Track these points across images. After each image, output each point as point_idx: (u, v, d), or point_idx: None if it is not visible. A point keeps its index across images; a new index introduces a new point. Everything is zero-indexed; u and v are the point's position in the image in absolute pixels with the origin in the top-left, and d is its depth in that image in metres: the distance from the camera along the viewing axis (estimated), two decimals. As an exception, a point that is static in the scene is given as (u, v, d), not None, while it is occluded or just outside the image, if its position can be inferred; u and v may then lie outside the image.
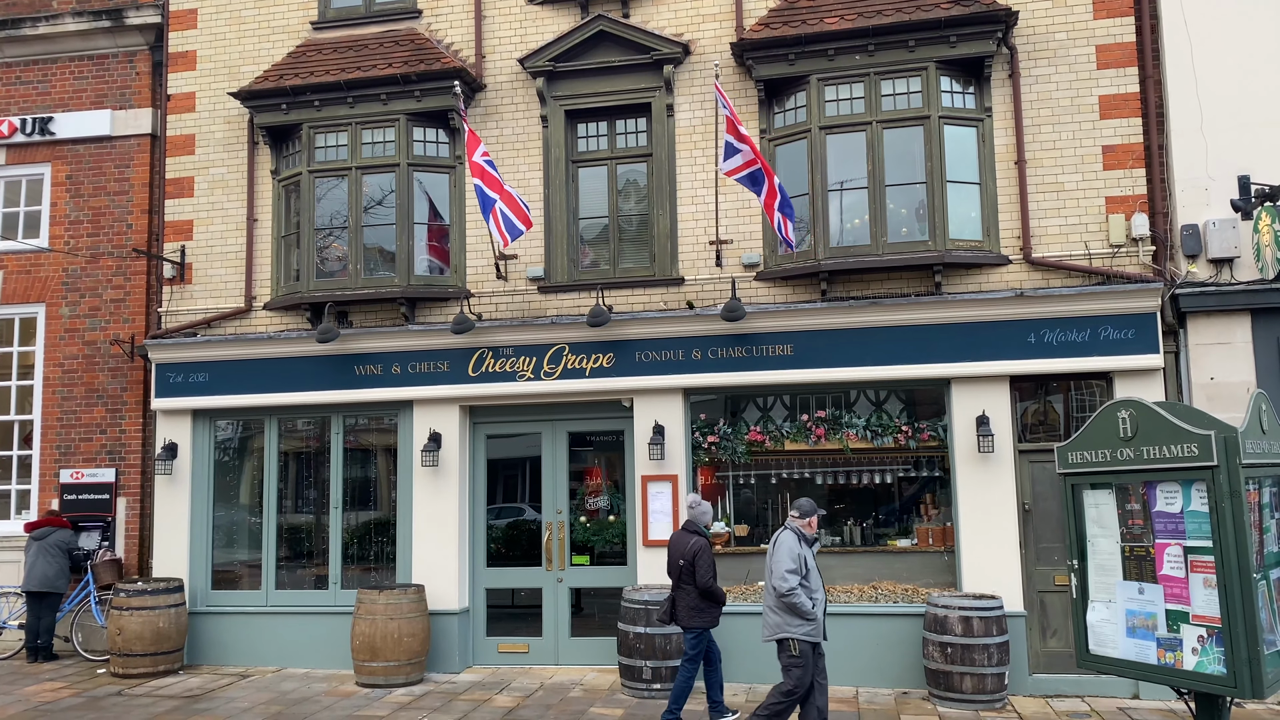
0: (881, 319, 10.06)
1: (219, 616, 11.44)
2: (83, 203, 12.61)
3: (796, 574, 7.40)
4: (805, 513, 7.74)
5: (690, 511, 8.64)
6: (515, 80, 11.35)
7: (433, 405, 11.13)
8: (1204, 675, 5.10)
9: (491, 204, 9.81)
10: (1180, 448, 5.18)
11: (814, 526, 7.77)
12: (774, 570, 7.46)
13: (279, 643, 11.09)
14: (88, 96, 12.79)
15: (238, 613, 11.43)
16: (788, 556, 7.44)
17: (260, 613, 11.39)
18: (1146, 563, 5.46)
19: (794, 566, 7.40)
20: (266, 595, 11.53)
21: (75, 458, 12.27)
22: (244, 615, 11.39)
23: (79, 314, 12.47)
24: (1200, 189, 9.67)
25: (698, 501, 8.69)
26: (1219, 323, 9.52)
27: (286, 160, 11.81)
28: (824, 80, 10.26)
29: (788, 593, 7.33)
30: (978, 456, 9.83)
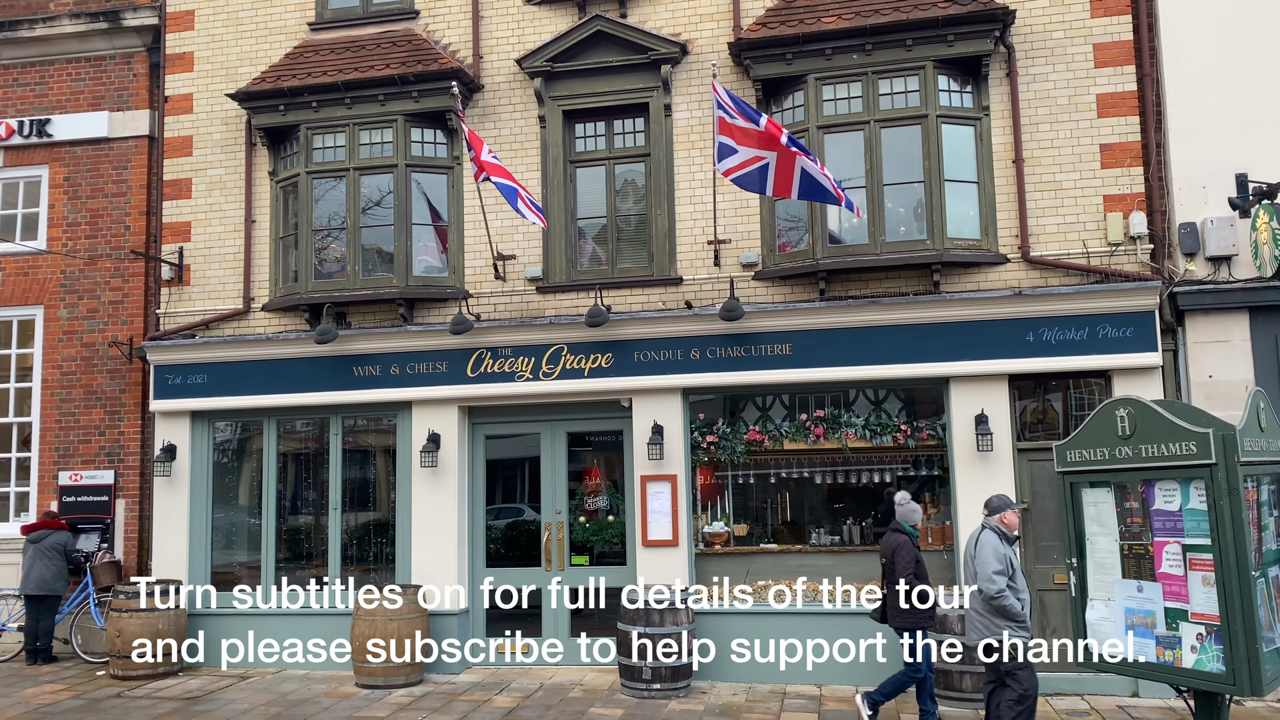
0: (880, 318, 10.06)
1: (218, 618, 11.43)
2: (80, 204, 12.60)
3: (1004, 575, 6.99)
4: (996, 509, 7.37)
5: (898, 510, 8.43)
6: (513, 80, 11.35)
7: (431, 406, 11.13)
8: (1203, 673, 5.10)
9: (515, 191, 9.78)
10: (1178, 446, 5.19)
11: (1013, 523, 7.35)
12: (979, 572, 7.09)
13: (278, 644, 11.08)
14: (85, 98, 12.79)
15: (237, 614, 11.42)
16: (993, 557, 7.03)
17: (260, 614, 11.38)
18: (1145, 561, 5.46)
19: (1001, 568, 7.00)
20: (266, 596, 11.52)
21: (74, 460, 12.26)
22: (243, 616, 11.38)
23: (77, 316, 12.47)
24: (1198, 187, 9.67)
25: (905, 499, 8.46)
26: (1217, 321, 9.52)
27: (284, 161, 11.81)
28: (822, 80, 10.26)
29: (996, 595, 6.91)
30: (976, 455, 9.83)
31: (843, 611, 9.93)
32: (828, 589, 10.18)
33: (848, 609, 9.95)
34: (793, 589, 10.24)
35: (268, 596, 11.51)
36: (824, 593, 10.16)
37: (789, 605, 10.11)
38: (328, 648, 10.87)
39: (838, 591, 10.13)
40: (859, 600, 10.03)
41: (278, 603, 11.43)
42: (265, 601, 11.48)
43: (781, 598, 10.21)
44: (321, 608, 11.24)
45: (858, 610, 9.90)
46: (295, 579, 11.63)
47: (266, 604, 11.46)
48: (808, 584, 10.26)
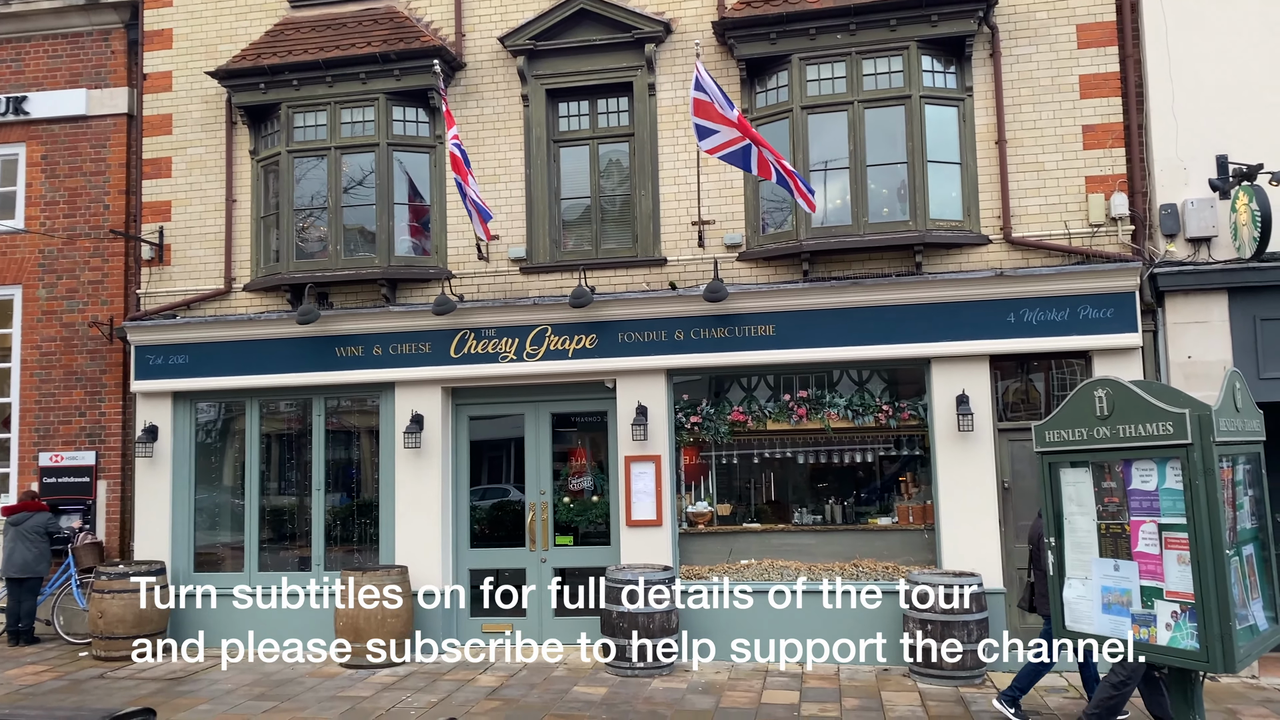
0: (863, 299, 10.08)
1: (202, 598, 11.41)
2: (59, 183, 12.47)
3: None
4: None
5: None
6: (496, 59, 11.27)
7: (415, 387, 11.11)
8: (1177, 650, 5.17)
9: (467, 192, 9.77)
10: (1155, 426, 5.23)
11: None
12: None
13: (262, 624, 11.07)
14: (62, 75, 12.63)
15: (220, 594, 11.41)
16: None
17: (243, 594, 11.37)
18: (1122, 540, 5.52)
19: None
20: (249, 577, 11.52)
21: (54, 440, 12.19)
22: (227, 596, 11.37)
23: (56, 296, 12.36)
24: (1179, 168, 9.71)
25: None
26: (1196, 302, 9.59)
27: (265, 140, 11.71)
28: (805, 59, 10.23)
29: None
30: (957, 435, 9.90)
31: (824, 589, 10.00)
32: (810, 567, 10.26)
33: (829, 587, 10.02)
34: (775, 567, 10.32)
35: (251, 577, 11.50)
36: (807, 571, 10.23)
37: (772, 584, 10.18)
38: (312, 628, 10.88)
39: (819, 570, 10.21)
40: (840, 578, 10.11)
41: (261, 583, 11.42)
42: (249, 582, 11.48)
43: (765, 576, 10.28)
44: (305, 588, 11.24)
45: (839, 588, 9.98)
46: (279, 559, 11.63)
47: (250, 584, 11.45)
48: (791, 563, 10.33)
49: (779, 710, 8.32)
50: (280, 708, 8.67)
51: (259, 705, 8.74)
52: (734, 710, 8.32)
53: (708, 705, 8.50)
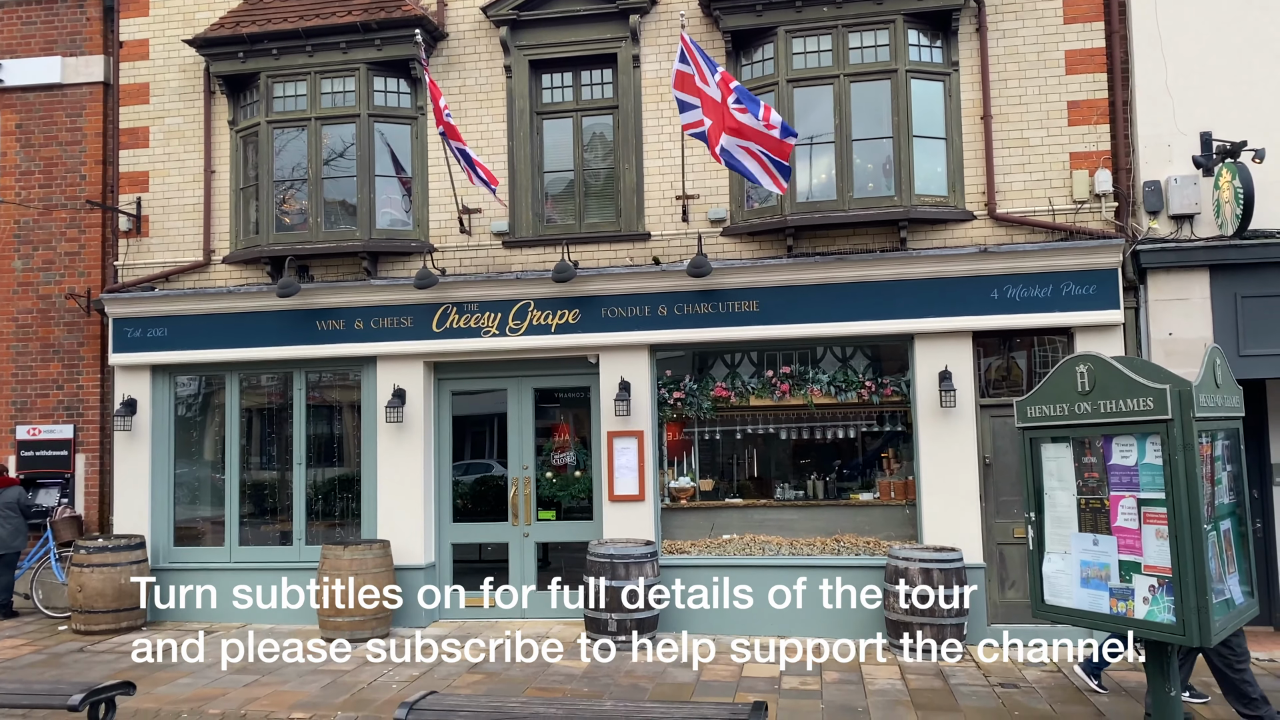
0: (847, 275, 10.06)
1: (182, 573, 11.37)
2: (34, 153, 12.28)
3: None
4: None
5: None
6: (478, 29, 11.13)
7: (396, 361, 11.04)
8: (1154, 624, 5.21)
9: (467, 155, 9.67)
10: (1136, 401, 5.24)
11: None
12: None
13: (243, 598, 11.01)
14: (37, 43, 12.40)
15: (201, 569, 11.37)
16: None
17: (224, 569, 11.34)
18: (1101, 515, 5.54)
19: None
20: (230, 551, 11.47)
21: (32, 414, 12.07)
22: (207, 571, 11.33)
23: (32, 267, 12.20)
24: (1163, 145, 9.71)
25: None
26: (1178, 279, 9.61)
27: (244, 110, 11.55)
28: (791, 32, 10.15)
29: None
30: (939, 411, 9.92)
31: (807, 565, 10.04)
32: (792, 543, 10.29)
33: (811, 561, 10.06)
34: (757, 542, 10.35)
35: (232, 551, 11.46)
36: (789, 546, 10.27)
37: (753, 559, 10.21)
38: (293, 602, 10.83)
39: (801, 544, 10.25)
40: (821, 553, 10.16)
41: (242, 557, 11.39)
42: (229, 556, 11.43)
43: (746, 551, 10.31)
44: (287, 562, 11.20)
45: (820, 563, 10.03)
46: (260, 534, 11.58)
47: (231, 558, 11.42)
48: (773, 538, 10.37)
49: (760, 683, 8.36)
50: (261, 681, 8.65)
51: (239, 679, 8.72)
52: (715, 683, 8.36)
53: (688, 679, 8.53)
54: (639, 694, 8.10)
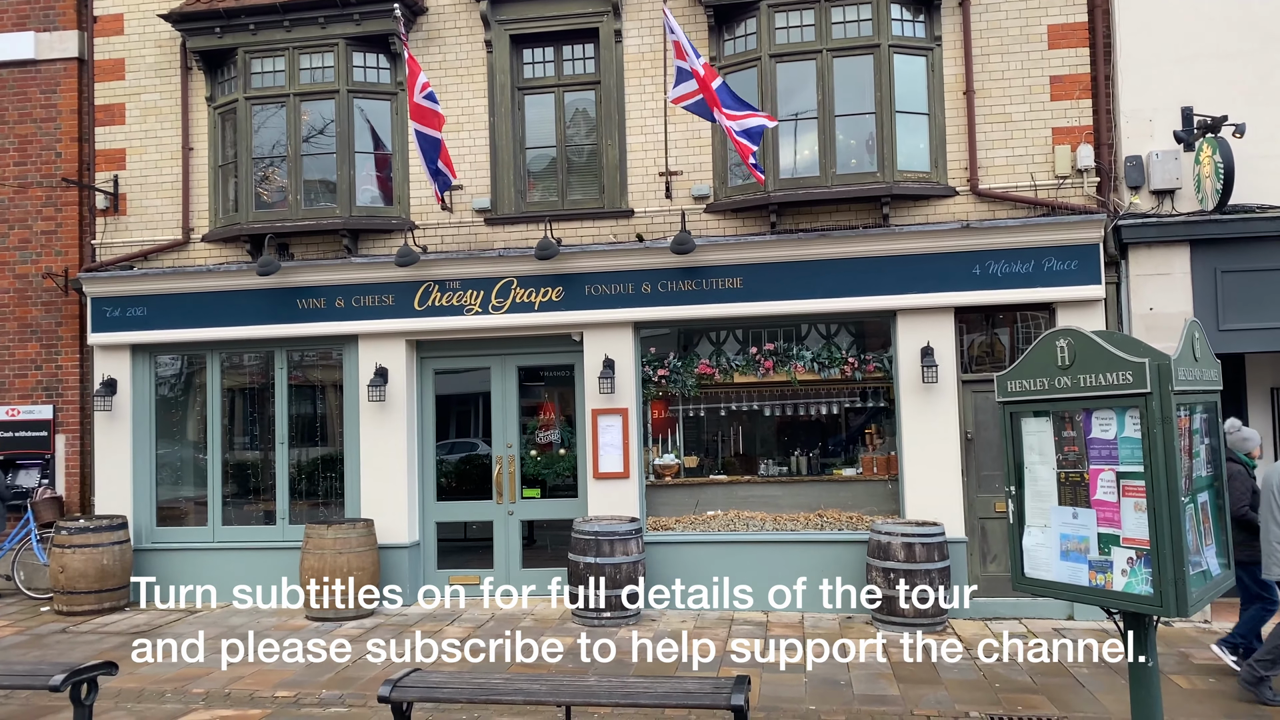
0: (830, 251, 10.06)
1: (164, 553, 11.33)
2: (8, 130, 12.10)
3: None
4: None
5: (1228, 438, 7.70)
6: (459, 4, 11.01)
7: (378, 339, 10.98)
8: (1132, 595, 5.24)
9: (436, 148, 9.58)
10: (1115, 375, 5.25)
11: None
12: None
13: (226, 578, 11.01)
14: (9, 17, 12.20)
15: (184, 549, 11.33)
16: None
17: (207, 549, 11.31)
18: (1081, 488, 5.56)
19: None
20: (213, 531, 11.43)
21: (10, 394, 11.97)
22: (190, 552, 11.30)
23: (8, 246, 12.06)
24: (1145, 120, 9.71)
25: (1236, 426, 7.87)
26: (1159, 254, 9.65)
27: (222, 87, 11.41)
28: (774, 7, 10.09)
29: None
30: (922, 387, 9.95)
31: (790, 540, 10.09)
32: (776, 518, 10.34)
33: (795, 537, 10.11)
34: (741, 518, 10.39)
35: (214, 531, 11.42)
36: (772, 522, 10.32)
37: (737, 535, 10.25)
38: (277, 582, 10.81)
39: (785, 520, 10.29)
40: (805, 528, 10.21)
41: (225, 537, 11.35)
42: (212, 536, 11.40)
43: (730, 527, 10.35)
44: (270, 542, 11.18)
45: (804, 539, 10.08)
46: (243, 514, 11.55)
47: (214, 538, 11.38)
48: (757, 514, 10.41)
49: (743, 657, 8.41)
50: (245, 661, 8.64)
51: (223, 658, 8.69)
52: (699, 659, 8.40)
53: (672, 654, 8.56)
54: (623, 669, 8.14)
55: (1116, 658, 7.86)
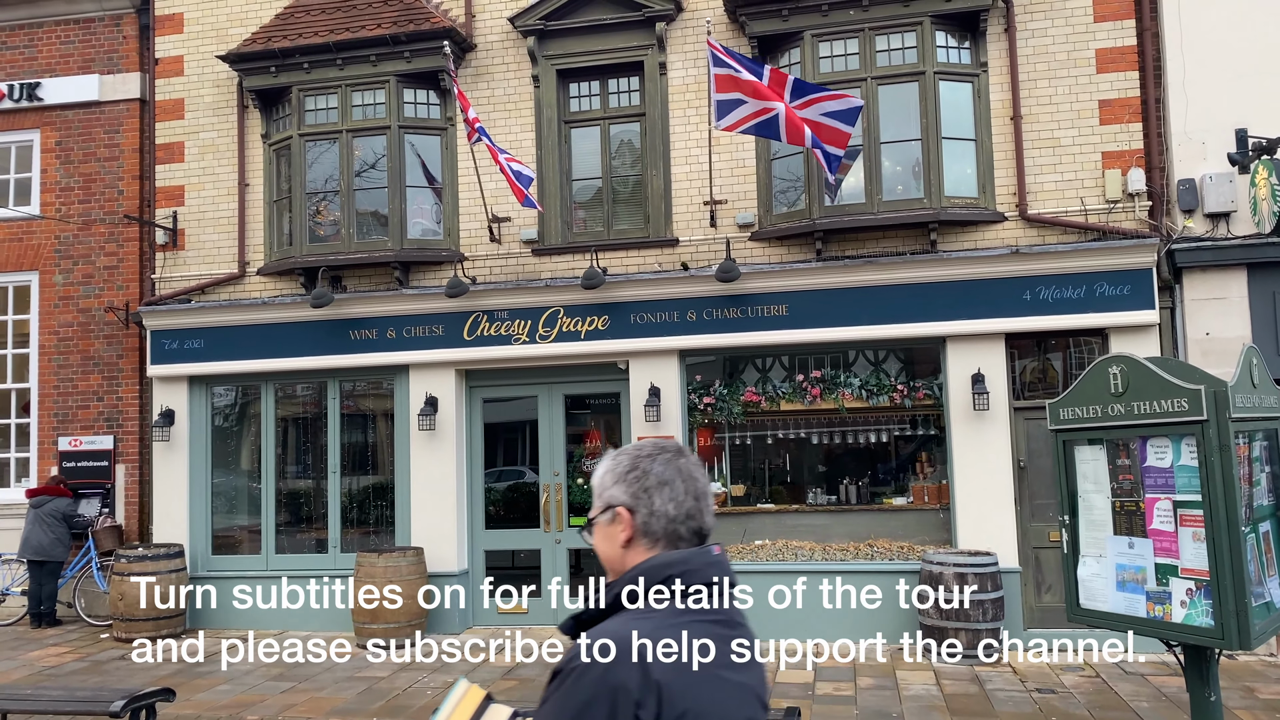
0: (876, 278, 10.02)
1: (219, 580, 11.51)
2: (73, 169, 12.53)
3: None
4: None
5: None
6: (506, 40, 11.22)
7: (428, 369, 11.13)
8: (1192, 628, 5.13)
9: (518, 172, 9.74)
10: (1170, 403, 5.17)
11: None
12: None
13: (279, 606, 11.13)
14: (75, 61, 12.66)
15: (238, 576, 11.51)
16: None
17: (260, 576, 11.46)
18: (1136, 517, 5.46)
19: None
20: (266, 560, 11.61)
21: (73, 425, 12.30)
22: (244, 579, 11.46)
23: (72, 281, 12.44)
24: (1197, 143, 9.58)
25: None
26: (1215, 278, 9.48)
27: (276, 124, 11.71)
28: (818, 36, 10.14)
29: None
30: (973, 414, 9.84)
31: (840, 570, 9.98)
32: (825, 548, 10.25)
33: (844, 566, 10.01)
34: (790, 547, 10.32)
35: (268, 560, 11.60)
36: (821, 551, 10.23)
37: (786, 564, 10.18)
38: (329, 609, 10.95)
39: (834, 549, 10.20)
40: (855, 558, 10.10)
41: (279, 565, 11.52)
42: (266, 564, 11.57)
43: (779, 556, 10.28)
44: (322, 570, 11.32)
45: (854, 568, 9.97)
46: (296, 542, 11.72)
47: (268, 566, 11.55)
48: (805, 543, 10.33)
49: (793, 689, 8.33)
50: (298, 688, 8.75)
51: (277, 685, 8.82)
52: (748, 689, 8.32)
53: (722, 684, 8.50)
54: (672, 700, 8.08)
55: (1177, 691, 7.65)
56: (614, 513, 2.03)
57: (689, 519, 2.00)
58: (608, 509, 2.04)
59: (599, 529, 2.07)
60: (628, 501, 2.01)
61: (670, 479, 2.00)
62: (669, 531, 1.99)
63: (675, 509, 1.99)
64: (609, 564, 2.07)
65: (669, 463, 2.02)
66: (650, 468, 2.01)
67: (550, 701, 1.81)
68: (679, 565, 1.94)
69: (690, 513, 2.00)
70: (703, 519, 2.02)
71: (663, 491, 1.99)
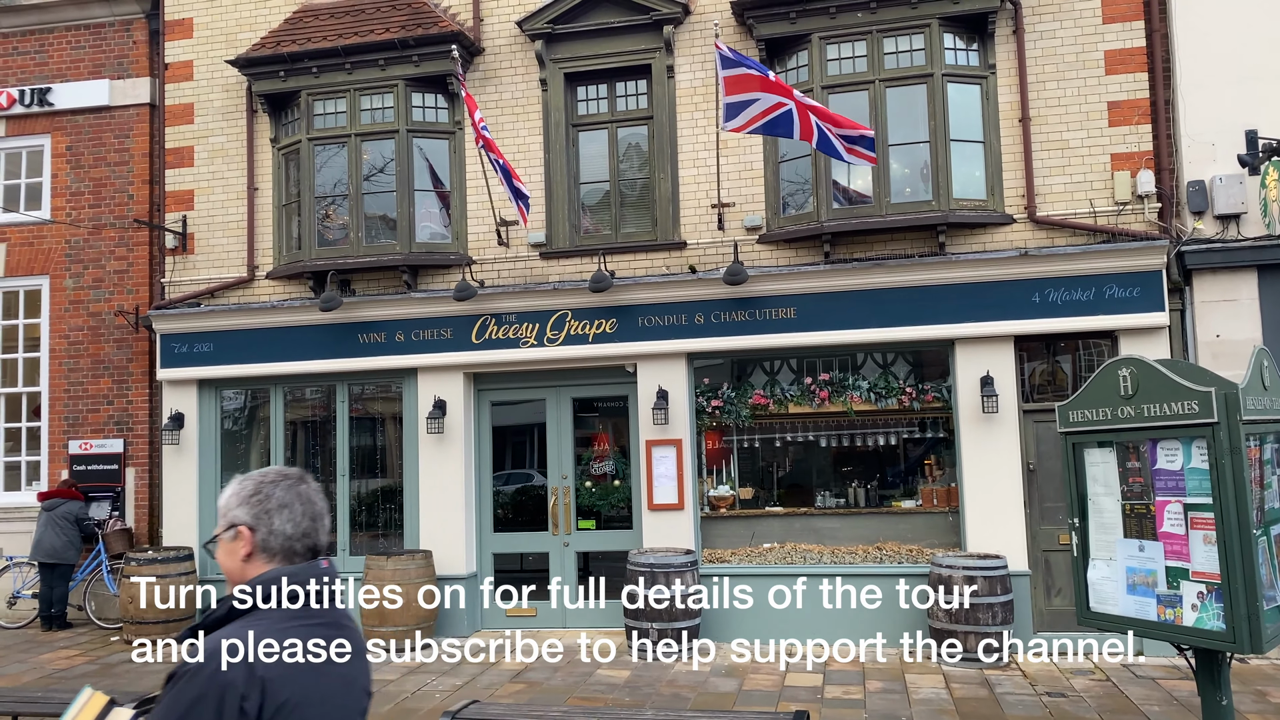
0: (885, 280, 10.00)
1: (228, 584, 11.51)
2: (83, 174, 12.58)
3: None
4: None
5: None
6: (514, 43, 11.24)
7: (437, 372, 11.15)
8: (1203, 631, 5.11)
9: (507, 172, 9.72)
10: (1180, 405, 5.15)
11: None
12: None
13: (289, 609, 11.14)
14: (85, 66, 12.73)
15: (248, 580, 11.51)
16: None
17: (270, 580, 11.46)
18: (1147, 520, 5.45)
19: None
20: (276, 562, 11.60)
21: (83, 429, 12.35)
22: (254, 582, 11.47)
23: (83, 285, 12.49)
24: (1207, 144, 9.55)
25: None
26: (1225, 280, 9.44)
27: (286, 128, 11.75)
28: (826, 39, 10.14)
29: None
30: (982, 417, 9.81)
31: (848, 573, 9.96)
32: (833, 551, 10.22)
33: (853, 569, 9.99)
34: (798, 550, 10.30)
35: (278, 562, 11.59)
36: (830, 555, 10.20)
37: (794, 567, 10.16)
38: (338, 612, 10.91)
39: (843, 552, 10.18)
40: (864, 561, 10.08)
41: (288, 568, 11.51)
42: (275, 567, 11.56)
43: (787, 560, 10.26)
44: (331, 573, 11.31)
45: (863, 571, 9.95)
46: (305, 545, 11.70)
47: (277, 570, 11.54)
48: (813, 546, 10.31)
49: (802, 692, 8.31)
50: (307, 691, 8.74)
51: (286, 688, 8.82)
52: (757, 692, 8.32)
53: (730, 688, 8.51)
54: (680, 703, 8.09)
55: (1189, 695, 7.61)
56: (236, 530, 2.27)
57: (304, 537, 2.28)
58: (231, 527, 2.28)
59: (223, 545, 2.31)
60: (249, 521, 2.26)
61: (289, 502, 2.28)
62: (286, 548, 2.26)
63: (293, 529, 2.26)
64: (230, 576, 2.31)
65: (290, 488, 2.30)
66: (272, 492, 2.28)
67: (164, 701, 2.02)
68: (292, 577, 2.21)
69: (306, 532, 2.28)
70: (317, 538, 2.31)
71: (282, 513, 2.26)
